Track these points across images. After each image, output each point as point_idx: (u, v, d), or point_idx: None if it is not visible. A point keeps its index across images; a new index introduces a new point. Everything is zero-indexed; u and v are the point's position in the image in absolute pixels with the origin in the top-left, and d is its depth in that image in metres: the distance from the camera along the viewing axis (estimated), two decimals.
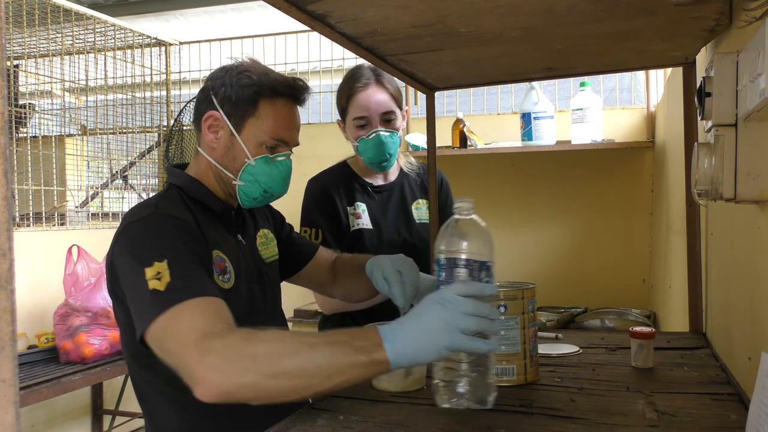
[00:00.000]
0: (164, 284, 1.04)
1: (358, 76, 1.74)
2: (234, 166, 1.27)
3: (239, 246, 1.32)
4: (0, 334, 0.41)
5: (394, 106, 1.75)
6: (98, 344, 2.57)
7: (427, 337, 0.94)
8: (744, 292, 1.09)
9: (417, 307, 0.99)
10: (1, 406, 0.41)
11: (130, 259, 1.10)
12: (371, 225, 1.80)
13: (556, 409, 1.04)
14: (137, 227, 1.15)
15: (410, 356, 0.95)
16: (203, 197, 1.28)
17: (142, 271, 1.05)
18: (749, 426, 0.78)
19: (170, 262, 1.06)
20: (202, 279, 1.09)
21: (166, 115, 3.94)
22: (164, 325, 1.02)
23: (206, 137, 1.28)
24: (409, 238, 1.82)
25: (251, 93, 1.24)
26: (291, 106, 1.29)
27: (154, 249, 1.09)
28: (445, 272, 1.04)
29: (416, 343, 0.94)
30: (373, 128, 1.72)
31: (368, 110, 1.71)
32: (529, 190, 3.18)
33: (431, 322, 0.95)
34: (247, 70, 1.26)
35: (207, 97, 1.28)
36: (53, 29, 3.36)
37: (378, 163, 1.75)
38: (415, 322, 0.96)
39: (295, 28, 3.75)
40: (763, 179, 0.94)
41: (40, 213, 3.13)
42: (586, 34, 1.28)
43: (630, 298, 3.00)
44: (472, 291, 0.99)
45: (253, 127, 1.25)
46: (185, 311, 1.01)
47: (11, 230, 0.42)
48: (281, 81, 1.27)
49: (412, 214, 1.86)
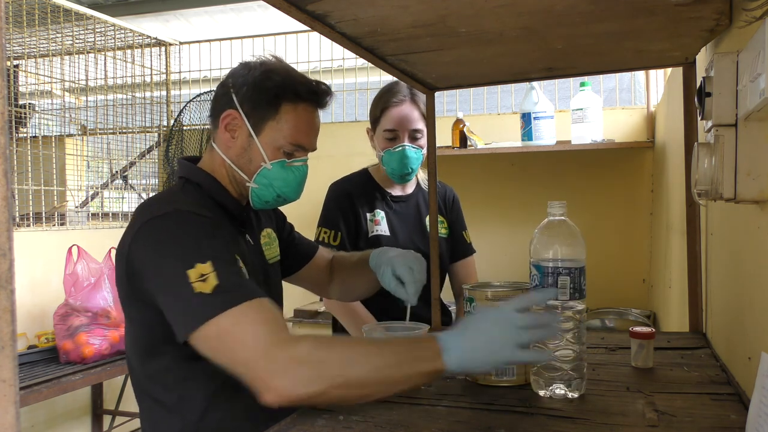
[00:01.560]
0: (211, 287, 1.01)
1: (395, 92, 1.84)
2: (249, 168, 1.24)
3: (248, 246, 1.31)
4: (0, 334, 0.41)
5: (422, 125, 1.85)
6: (98, 344, 2.57)
7: (485, 351, 0.96)
8: (744, 292, 1.09)
9: (479, 319, 1.00)
10: (1, 406, 0.41)
11: (166, 259, 1.06)
12: (389, 232, 1.88)
13: (556, 409, 1.04)
14: (164, 223, 1.11)
15: (466, 367, 0.98)
16: (222, 198, 1.25)
17: (184, 273, 1.02)
18: (749, 426, 0.78)
19: (214, 263, 1.03)
20: (247, 279, 1.07)
21: (166, 115, 3.94)
22: (219, 331, 0.99)
23: (222, 136, 1.25)
24: (422, 248, 1.86)
25: (273, 96, 1.21)
26: (312, 111, 1.26)
27: (192, 249, 1.06)
28: (551, 279, 1.08)
29: (474, 356, 0.96)
30: (401, 142, 1.81)
31: (399, 125, 1.81)
32: (529, 190, 3.18)
33: (491, 337, 0.96)
34: (270, 70, 1.23)
35: (227, 93, 1.24)
36: (53, 29, 3.35)
37: (400, 175, 1.84)
38: (475, 336, 0.97)
39: (295, 28, 3.75)
40: (763, 179, 0.94)
41: (40, 213, 3.13)
42: (586, 34, 1.28)
43: (630, 298, 3.00)
44: (533, 302, 1.02)
45: (273, 131, 1.22)
46: (241, 317, 0.99)
47: (11, 230, 0.42)
48: (304, 84, 1.24)
49: (425, 226, 1.92)
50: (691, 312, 1.62)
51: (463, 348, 0.97)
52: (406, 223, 1.92)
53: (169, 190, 1.28)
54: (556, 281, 1.08)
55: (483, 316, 1.00)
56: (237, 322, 0.99)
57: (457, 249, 2.01)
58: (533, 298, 1.03)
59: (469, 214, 2.09)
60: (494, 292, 1.19)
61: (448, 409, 1.06)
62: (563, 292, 1.08)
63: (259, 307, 1.01)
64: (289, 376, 0.94)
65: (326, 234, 1.87)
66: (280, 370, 0.95)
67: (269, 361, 0.95)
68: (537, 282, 1.10)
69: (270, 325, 0.99)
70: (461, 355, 0.96)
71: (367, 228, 1.87)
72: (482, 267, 3.18)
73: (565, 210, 1.12)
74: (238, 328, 0.99)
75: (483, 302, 1.19)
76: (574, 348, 1.07)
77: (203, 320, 0.99)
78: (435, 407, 1.07)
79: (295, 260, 1.53)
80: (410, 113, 1.83)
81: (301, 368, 0.95)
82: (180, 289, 1.02)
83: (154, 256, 1.08)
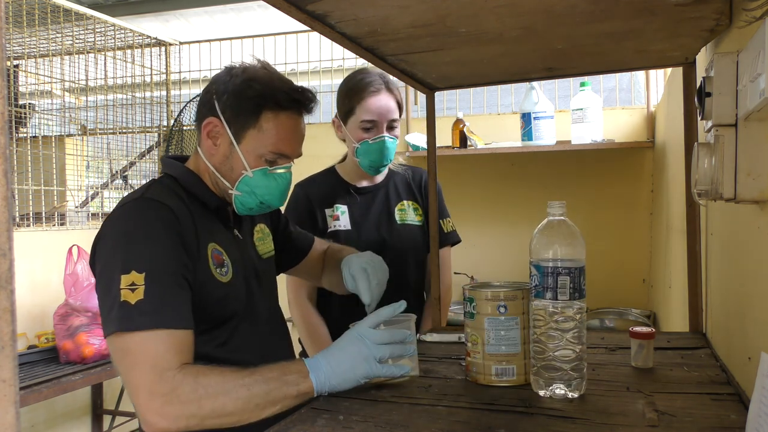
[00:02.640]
0: (135, 299, 1.06)
1: (369, 81, 1.76)
2: (231, 176, 1.25)
3: (236, 241, 1.31)
4: (0, 334, 0.41)
5: (398, 114, 1.80)
6: (98, 344, 2.57)
7: (346, 366, 1.10)
8: (744, 292, 1.09)
9: (339, 340, 1.14)
10: (1, 406, 0.41)
11: (111, 253, 1.11)
12: (350, 226, 1.82)
13: (556, 409, 1.04)
14: (124, 212, 1.16)
15: (333, 385, 1.10)
16: (198, 191, 1.26)
17: (119, 277, 1.07)
18: (749, 426, 0.78)
19: (148, 276, 1.07)
20: (174, 302, 1.09)
21: (166, 115, 3.94)
22: (124, 347, 1.06)
23: (205, 143, 1.25)
24: (389, 239, 1.82)
25: (253, 105, 1.21)
26: (295, 118, 1.25)
27: (135, 253, 1.09)
28: (550, 279, 1.08)
29: (338, 375, 1.10)
30: (379, 133, 1.75)
31: (378, 115, 1.75)
32: (529, 190, 3.18)
33: (350, 355, 1.10)
34: (251, 78, 1.22)
35: (209, 100, 1.24)
36: (53, 29, 3.35)
37: (377, 167, 1.79)
38: (338, 355, 1.11)
39: (295, 28, 3.75)
40: (763, 179, 0.94)
41: (40, 213, 3.13)
42: (586, 34, 1.28)
43: (630, 298, 3.00)
44: (382, 318, 1.14)
45: (254, 139, 1.22)
46: (145, 343, 1.05)
47: (11, 230, 0.42)
48: (286, 93, 1.23)
49: (394, 216, 1.87)
50: (691, 312, 1.62)
51: (328, 367, 1.10)
52: (372, 214, 1.86)
53: (148, 182, 1.30)
54: (555, 281, 1.08)
55: (344, 336, 1.14)
56: (141, 346, 1.05)
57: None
58: (382, 314, 1.15)
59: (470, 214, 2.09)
60: (494, 292, 1.19)
61: (448, 409, 1.06)
62: (563, 292, 1.08)
63: (166, 337, 1.06)
64: (164, 414, 1.02)
65: None
66: (157, 408, 1.02)
67: (150, 398, 1.03)
68: (537, 282, 1.10)
69: (165, 359, 1.04)
70: (327, 373, 1.09)
71: (326, 225, 1.82)
72: (482, 267, 3.19)
73: (565, 210, 1.12)
74: (139, 354, 1.05)
75: (483, 302, 1.19)
76: (574, 348, 1.07)
77: (116, 329, 1.06)
78: (435, 407, 1.07)
79: (292, 255, 1.55)
80: (388, 103, 1.76)
81: (177, 407, 1.02)
82: (109, 290, 1.08)
83: (107, 246, 1.14)
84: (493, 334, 1.17)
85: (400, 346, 1.13)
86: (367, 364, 1.10)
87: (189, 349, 1.09)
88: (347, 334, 1.15)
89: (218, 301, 1.21)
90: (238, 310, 1.26)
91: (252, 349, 1.26)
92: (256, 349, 1.27)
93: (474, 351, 1.20)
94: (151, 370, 1.03)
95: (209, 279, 1.19)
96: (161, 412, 1.02)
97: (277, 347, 1.35)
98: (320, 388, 1.09)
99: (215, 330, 1.22)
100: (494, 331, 1.17)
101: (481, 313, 1.18)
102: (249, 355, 1.22)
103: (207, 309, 1.18)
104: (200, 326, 1.15)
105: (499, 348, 1.17)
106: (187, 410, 1.03)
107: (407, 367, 1.14)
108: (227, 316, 1.23)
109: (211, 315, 1.20)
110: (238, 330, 1.25)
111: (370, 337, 1.11)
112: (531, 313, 1.12)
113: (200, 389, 1.04)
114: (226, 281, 1.22)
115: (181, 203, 1.19)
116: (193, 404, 1.03)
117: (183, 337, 1.08)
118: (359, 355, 1.10)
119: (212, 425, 1.05)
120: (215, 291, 1.20)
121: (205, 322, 1.18)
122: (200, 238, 1.19)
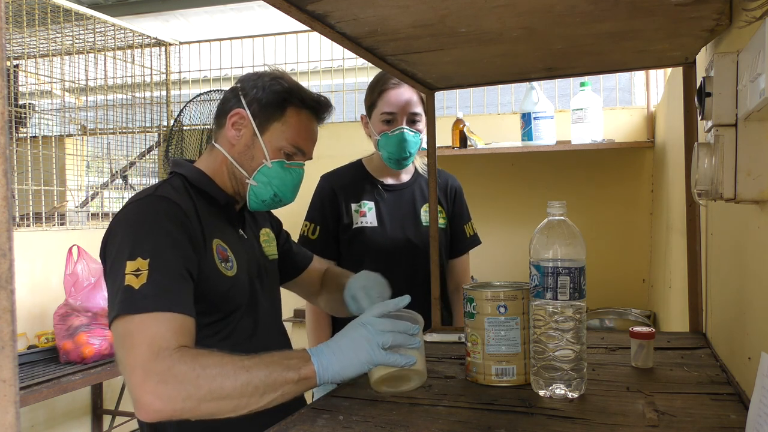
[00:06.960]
0: (139, 284, 1.07)
1: (390, 76, 1.78)
2: (250, 165, 1.31)
3: (241, 240, 1.35)
4: (0, 334, 0.41)
5: (421, 109, 1.80)
6: (98, 344, 2.57)
7: (350, 353, 1.07)
8: (744, 292, 1.09)
9: (343, 329, 1.12)
10: (1, 406, 0.41)
11: (120, 243, 1.14)
12: (376, 223, 1.83)
13: (556, 409, 1.04)
14: (134, 207, 1.20)
15: (335, 371, 1.07)
16: (206, 187, 1.31)
17: (124, 262, 1.09)
18: (749, 426, 0.78)
19: (152, 263, 1.09)
20: (177, 290, 1.11)
21: (166, 115, 3.94)
22: (125, 329, 1.06)
23: (228, 133, 1.32)
24: (414, 239, 1.83)
25: (281, 98, 1.30)
26: (313, 120, 1.35)
27: (142, 242, 1.12)
28: (551, 279, 1.08)
29: (340, 360, 1.07)
30: (399, 125, 1.77)
31: (397, 107, 1.77)
32: (529, 190, 3.18)
33: (353, 339, 1.08)
34: (279, 77, 1.33)
35: (236, 96, 1.33)
36: (53, 29, 3.36)
37: (396, 159, 1.79)
38: (340, 341, 1.09)
39: (295, 28, 3.75)
40: (763, 179, 0.94)
41: (40, 213, 3.13)
42: (586, 34, 1.28)
43: (630, 298, 3.00)
44: (389, 308, 1.12)
45: (277, 131, 1.31)
46: (145, 324, 1.05)
47: (11, 230, 0.42)
48: (309, 94, 1.35)
49: (420, 217, 1.88)
50: (691, 312, 1.62)
51: (330, 353, 1.07)
52: (399, 213, 1.86)
53: (158, 182, 1.34)
54: (556, 281, 1.08)
55: (348, 325, 1.12)
56: (140, 327, 1.05)
57: (456, 244, 1.98)
58: (389, 304, 1.14)
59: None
60: (494, 292, 1.19)
61: (448, 409, 1.06)
62: (563, 292, 1.08)
63: (167, 319, 1.06)
64: (159, 394, 1.00)
65: (306, 227, 1.86)
66: (151, 387, 1.00)
67: (145, 376, 1.00)
68: (537, 282, 1.10)
69: (164, 339, 1.04)
70: (329, 357, 1.07)
71: (352, 220, 1.82)
72: (482, 267, 3.19)
73: (565, 210, 1.12)
74: (138, 334, 1.04)
75: (483, 302, 1.19)
76: (574, 348, 1.07)
77: (119, 313, 1.06)
78: (435, 407, 1.07)
79: (289, 270, 1.57)
80: (408, 95, 1.78)
81: (172, 385, 1.00)
82: (115, 276, 1.10)
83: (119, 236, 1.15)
84: (493, 334, 1.17)
85: (404, 336, 1.10)
86: (370, 348, 1.06)
87: (190, 334, 1.09)
88: (351, 322, 1.13)
89: (223, 294, 1.24)
90: (242, 304, 1.29)
91: (253, 343, 1.28)
92: (257, 344, 1.28)
93: (474, 351, 1.20)
94: (148, 348, 1.02)
95: (214, 272, 1.22)
96: (155, 392, 0.99)
97: (277, 344, 1.36)
98: (322, 373, 1.06)
99: (219, 323, 1.25)
100: (494, 331, 1.17)
101: (481, 313, 1.18)
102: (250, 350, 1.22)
103: (213, 301, 1.22)
104: (205, 319, 1.18)
105: (499, 348, 1.17)
106: (183, 390, 1.00)
107: (413, 357, 1.10)
108: (231, 308, 1.27)
109: (216, 307, 1.23)
110: (240, 324, 1.28)
111: (374, 323, 1.09)
112: (531, 313, 1.12)
113: (198, 369, 1.02)
114: (232, 275, 1.26)
115: (189, 201, 1.24)
116: (189, 384, 1.00)
117: (184, 321, 1.08)
118: (362, 339, 1.07)
119: (208, 410, 1.02)
120: (221, 284, 1.23)
121: (209, 315, 1.21)
122: (206, 234, 1.22)
